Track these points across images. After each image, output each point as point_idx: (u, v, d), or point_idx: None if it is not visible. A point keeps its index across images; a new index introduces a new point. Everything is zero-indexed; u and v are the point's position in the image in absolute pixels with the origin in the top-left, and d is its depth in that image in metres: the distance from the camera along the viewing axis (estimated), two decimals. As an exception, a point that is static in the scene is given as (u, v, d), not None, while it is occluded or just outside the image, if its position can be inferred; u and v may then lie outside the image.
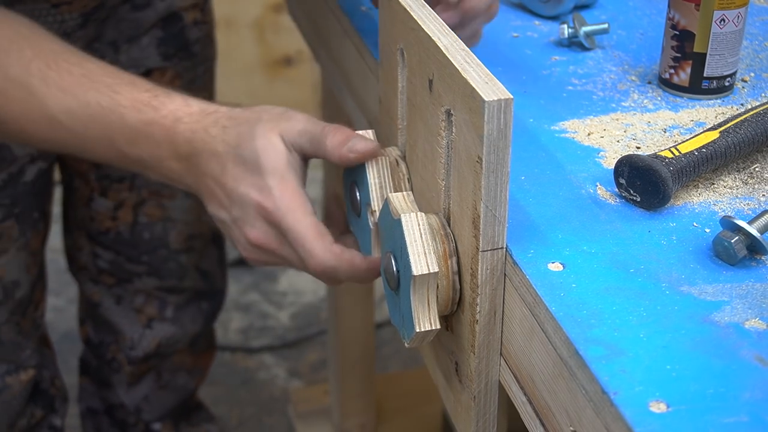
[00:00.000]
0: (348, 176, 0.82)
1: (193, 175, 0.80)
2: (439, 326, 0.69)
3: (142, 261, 1.34)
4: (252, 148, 0.76)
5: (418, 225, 0.68)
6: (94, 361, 1.41)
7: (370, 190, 0.76)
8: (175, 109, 0.80)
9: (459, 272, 0.69)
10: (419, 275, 0.67)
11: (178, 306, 1.38)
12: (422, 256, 0.67)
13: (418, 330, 0.69)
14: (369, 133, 0.80)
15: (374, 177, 0.77)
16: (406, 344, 0.72)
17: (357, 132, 0.77)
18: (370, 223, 0.77)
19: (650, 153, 0.72)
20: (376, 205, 0.76)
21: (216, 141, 0.77)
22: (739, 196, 0.72)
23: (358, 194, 0.79)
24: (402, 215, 0.68)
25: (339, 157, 0.76)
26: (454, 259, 0.69)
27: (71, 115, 0.81)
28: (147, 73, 1.21)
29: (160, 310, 1.37)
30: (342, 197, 0.86)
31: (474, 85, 0.62)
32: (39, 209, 1.17)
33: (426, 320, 0.69)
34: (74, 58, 0.83)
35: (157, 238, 1.32)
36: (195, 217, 1.36)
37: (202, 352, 1.46)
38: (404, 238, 0.68)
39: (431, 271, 0.67)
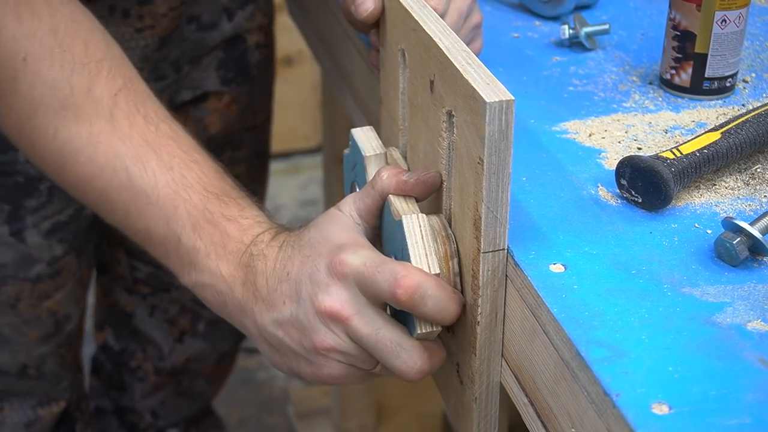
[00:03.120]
0: (348, 176, 0.82)
1: (248, 283, 0.72)
2: (440, 328, 0.69)
3: None
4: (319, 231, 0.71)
5: (420, 226, 0.68)
6: (109, 365, 1.39)
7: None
8: (257, 215, 0.75)
9: (460, 273, 0.69)
10: None
11: (211, 322, 1.36)
12: (423, 258, 0.67)
13: (419, 332, 0.69)
14: (368, 130, 0.80)
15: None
16: (407, 345, 0.72)
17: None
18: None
19: (652, 154, 0.72)
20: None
21: (281, 260, 0.71)
22: (740, 197, 0.72)
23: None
24: (403, 216, 0.68)
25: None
26: (456, 260, 0.69)
27: (142, 168, 0.74)
28: (204, 96, 1.19)
29: (193, 323, 1.35)
30: None
31: (475, 86, 0.62)
32: (93, 242, 1.16)
33: (427, 322, 0.69)
34: (164, 112, 0.77)
35: None
36: None
37: (225, 364, 1.45)
38: (405, 239, 0.67)
39: (432, 273, 0.67)
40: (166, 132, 0.76)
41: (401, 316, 0.71)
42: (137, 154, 0.74)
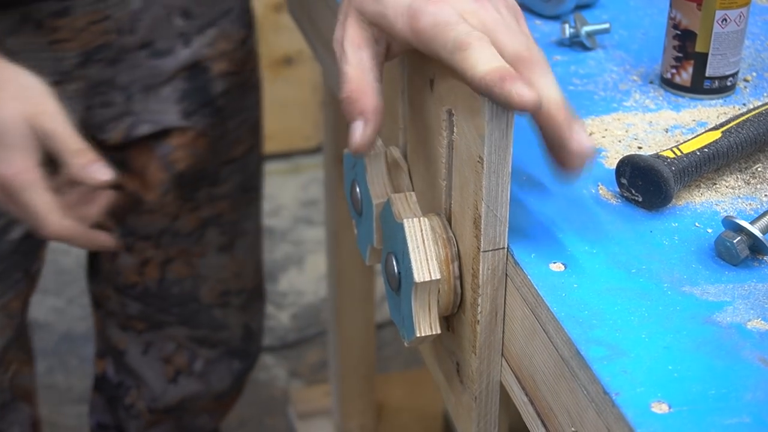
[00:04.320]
0: (349, 175, 0.82)
1: None
2: (439, 331, 0.69)
3: (172, 312, 1.27)
4: None
5: (421, 230, 0.68)
6: (107, 394, 1.34)
7: (369, 187, 0.76)
8: None
9: (461, 276, 0.69)
10: (421, 282, 0.67)
11: (209, 361, 1.31)
12: (424, 263, 0.67)
13: (418, 335, 0.69)
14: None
15: (373, 174, 0.76)
16: (405, 344, 0.72)
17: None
18: (374, 222, 0.77)
19: (652, 153, 0.72)
20: (376, 200, 0.76)
21: None
22: (741, 196, 0.72)
23: (359, 192, 0.79)
24: (404, 220, 0.68)
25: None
26: (456, 263, 0.69)
27: None
28: (166, 132, 1.13)
29: (190, 362, 1.30)
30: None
31: (475, 85, 0.61)
32: (22, 269, 1.10)
33: (426, 325, 0.69)
34: None
35: (186, 293, 1.25)
36: (232, 274, 1.28)
37: (227, 399, 1.39)
38: (406, 243, 0.67)
39: (433, 278, 0.67)
40: None
41: (400, 312, 0.71)
42: None
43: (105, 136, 1.11)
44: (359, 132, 0.67)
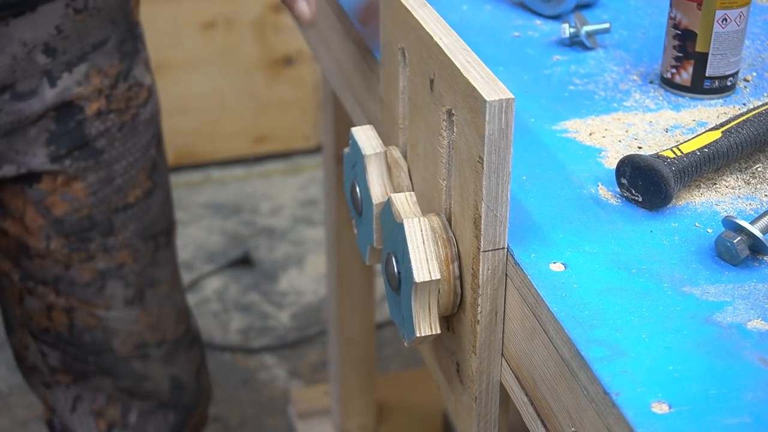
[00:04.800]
0: (349, 174, 0.82)
1: None
2: (439, 331, 0.69)
3: (89, 362, 1.17)
4: None
5: (421, 231, 0.68)
6: None
7: (369, 187, 0.76)
8: None
9: (461, 276, 0.69)
10: (421, 282, 0.67)
11: (143, 412, 1.21)
12: (424, 263, 0.67)
13: (418, 335, 0.69)
14: (368, 129, 0.80)
15: (373, 174, 0.76)
16: (405, 344, 0.72)
17: None
18: (374, 221, 0.77)
19: (652, 153, 0.72)
20: (376, 200, 0.76)
21: None
22: (741, 196, 0.72)
23: (359, 192, 0.79)
24: (404, 220, 0.68)
25: None
26: (456, 263, 0.69)
27: None
28: (37, 176, 1.05)
29: (123, 414, 1.21)
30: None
31: (475, 85, 0.62)
32: None
33: (426, 325, 0.69)
34: None
35: (99, 343, 1.16)
36: (146, 326, 1.17)
37: None
38: (406, 243, 0.67)
39: (433, 278, 0.67)
40: None
41: (400, 312, 0.71)
42: None
43: None
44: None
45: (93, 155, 1.05)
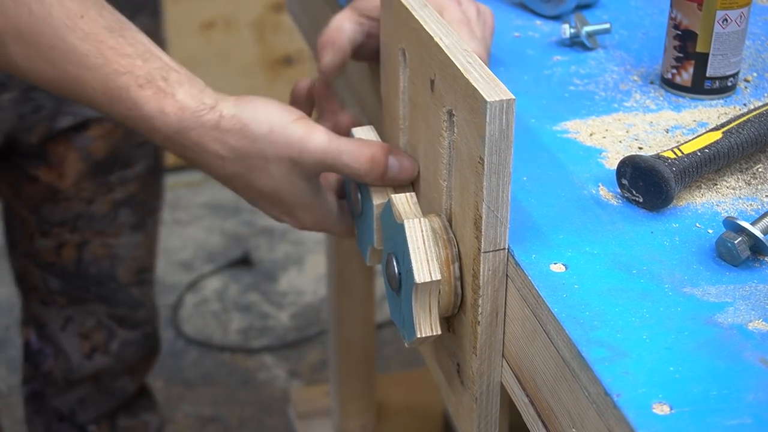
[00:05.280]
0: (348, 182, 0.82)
1: (188, 159, 0.76)
2: (440, 332, 0.69)
3: (91, 291, 1.32)
4: (271, 186, 0.75)
5: (421, 231, 0.68)
6: (31, 361, 1.40)
7: (369, 187, 0.76)
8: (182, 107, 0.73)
9: (461, 277, 0.69)
10: (422, 283, 0.67)
11: (125, 342, 1.37)
12: (425, 264, 0.67)
13: (418, 335, 0.69)
14: (369, 129, 0.80)
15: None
16: (406, 344, 0.72)
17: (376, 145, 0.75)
18: (374, 222, 0.77)
19: (653, 153, 0.72)
20: (377, 200, 0.76)
21: (222, 146, 0.74)
22: (742, 196, 0.72)
23: (359, 192, 0.79)
24: (405, 221, 0.68)
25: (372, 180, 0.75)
26: (457, 264, 0.68)
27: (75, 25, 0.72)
28: (85, 125, 1.18)
29: (107, 341, 1.36)
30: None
31: (476, 86, 0.61)
32: None
33: (427, 326, 0.69)
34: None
35: (104, 273, 1.31)
36: (145, 251, 1.34)
37: (145, 362, 1.45)
38: (407, 243, 0.67)
39: (434, 279, 0.67)
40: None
41: (400, 313, 0.71)
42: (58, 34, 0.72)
43: (29, 136, 1.15)
44: (325, 56, 0.81)
45: None
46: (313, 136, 0.73)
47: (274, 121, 0.74)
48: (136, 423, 1.47)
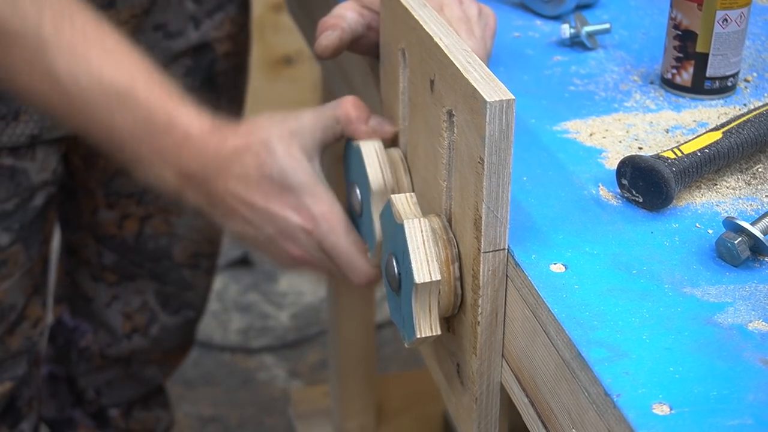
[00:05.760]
0: (349, 176, 0.82)
1: (201, 194, 0.78)
2: (439, 332, 0.69)
3: (144, 266, 1.34)
4: (277, 166, 0.75)
5: (421, 231, 0.68)
6: (62, 339, 1.41)
7: (370, 186, 0.76)
8: (189, 121, 0.77)
9: (461, 277, 0.69)
10: (422, 283, 0.67)
11: (164, 328, 1.38)
12: (425, 264, 0.67)
13: (418, 336, 0.68)
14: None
15: (374, 173, 0.76)
16: (406, 345, 0.72)
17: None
18: (375, 226, 0.77)
19: (653, 153, 0.72)
20: (377, 202, 0.76)
21: (232, 163, 0.76)
22: (742, 196, 0.72)
23: (358, 193, 0.79)
24: (405, 221, 0.68)
25: (363, 132, 0.78)
26: (457, 264, 0.68)
27: (76, 82, 0.75)
28: None
29: (148, 324, 1.37)
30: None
31: (476, 86, 0.61)
32: (44, 233, 1.15)
33: (427, 326, 0.69)
34: (91, 15, 0.77)
35: (161, 249, 1.32)
36: (204, 238, 1.35)
37: (176, 354, 1.47)
38: (407, 244, 0.67)
39: (434, 279, 0.67)
40: (92, 37, 0.76)
41: (400, 313, 0.71)
42: (68, 67, 0.75)
43: None
44: (324, 36, 0.80)
45: (214, 90, 1.22)
46: (304, 112, 0.77)
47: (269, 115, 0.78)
48: (149, 416, 1.49)
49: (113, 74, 0.76)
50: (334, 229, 0.76)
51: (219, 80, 1.23)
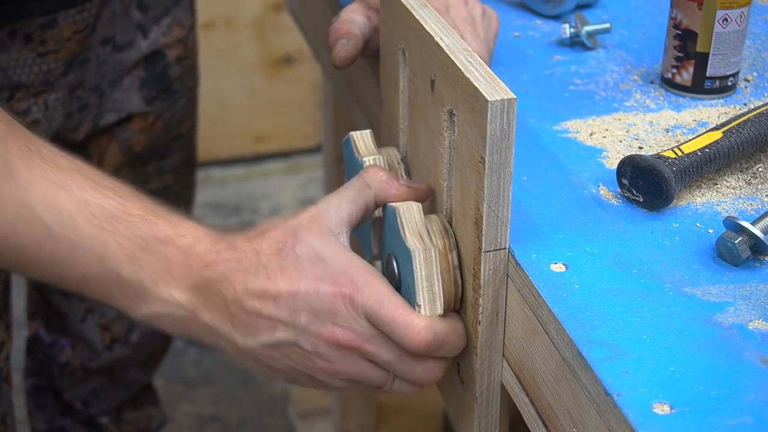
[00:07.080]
0: (349, 174, 0.82)
1: (217, 307, 0.68)
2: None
3: None
4: (302, 243, 0.67)
5: (435, 261, 0.67)
6: (40, 354, 1.40)
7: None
8: (193, 230, 0.70)
9: (460, 267, 0.68)
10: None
11: (145, 333, 1.37)
12: (431, 300, 0.67)
13: None
14: (367, 134, 0.79)
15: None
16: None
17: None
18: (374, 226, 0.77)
19: (653, 153, 0.72)
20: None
21: (247, 256, 0.68)
22: (742, 196, 0.72)
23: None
24: (414, 252, 0.66)
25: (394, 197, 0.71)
26: (455, 253, 0.68)
27: (57, 213, 0.68)
28: (128, 118, 1.18)
29: (127, 332, 1.35)
30: None
31: (477, 85, 0.61)
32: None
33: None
34: (56, 148, 0.71)
35: None
36: None
37: (157, 355, 1.46)
38: (413, 272, 0.66)
39: (438, 313, 0.67)
40: (66, 166, 0.70)
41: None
42: (46, 199, 0.68)
43: (75, 134, 1.15)
44: (341, 46, 0.81)
45: (171, 95, 1.21)
46: (331, 199, 0.71)
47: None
48: (141, 416, 1.48)
49: (99, 199, 0.69)
50: (378, 289, 0.66)
51: (175, 86, 1.22)
